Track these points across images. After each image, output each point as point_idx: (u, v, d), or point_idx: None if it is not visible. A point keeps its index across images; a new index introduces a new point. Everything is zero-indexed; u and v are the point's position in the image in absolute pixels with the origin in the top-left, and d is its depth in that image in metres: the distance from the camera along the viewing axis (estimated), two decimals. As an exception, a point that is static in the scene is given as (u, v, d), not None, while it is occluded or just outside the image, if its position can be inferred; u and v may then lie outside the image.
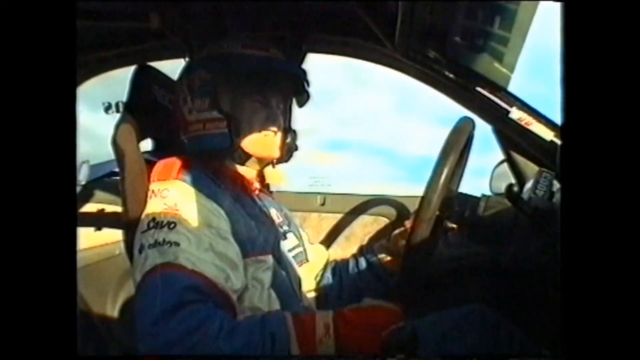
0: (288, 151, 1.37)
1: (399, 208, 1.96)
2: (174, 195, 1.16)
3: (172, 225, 1.10)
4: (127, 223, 1.22)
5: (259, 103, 1.30)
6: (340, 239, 1.88)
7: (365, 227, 1.98)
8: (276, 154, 1.34)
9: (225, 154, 1.30)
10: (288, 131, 1.36)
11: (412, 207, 1.25)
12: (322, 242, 1.59)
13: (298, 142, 1.39)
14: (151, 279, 1.05)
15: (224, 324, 1.03)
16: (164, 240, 1.09)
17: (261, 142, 1.31)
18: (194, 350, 0.99)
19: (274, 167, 1.42)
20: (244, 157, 1.32)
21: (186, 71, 1.33)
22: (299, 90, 1.38)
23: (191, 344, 0.99)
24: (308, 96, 1.39)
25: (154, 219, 1.13)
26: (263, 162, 1.37)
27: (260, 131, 1.30)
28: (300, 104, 1.41)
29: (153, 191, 1.18)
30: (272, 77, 1.31)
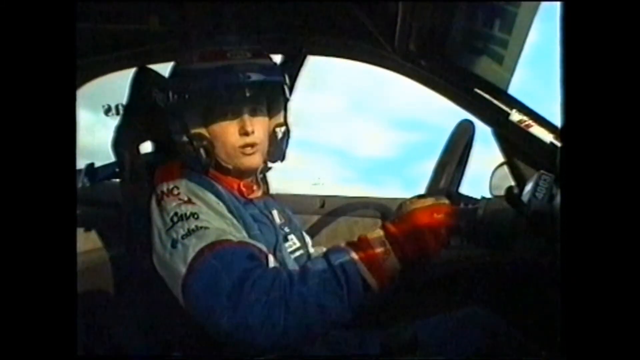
0: (276, 154, 1.36)
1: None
2: (185, 191, 1.18)
3: (195, 215, 1.13)
4: (129, 224, 1.22)
5: (230, 113, 1.26)
6: (341, 241, 1.88)
7: (366, 230, 1.98)
8: (258, 164, 1.32)
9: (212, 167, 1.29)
10: (273, 134, 1.34)
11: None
12: (322, 245, 1.58)
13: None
14: (204, 262, 1.06)
15: (292, 273, 1.08)
16: (196, 227, 1.11)
17: (238, 157, 1.28)
18: (274, 308, 1.01)
19: (266, 171, 1.41)
20: (229, 171, 1.30)
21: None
22: (274, 88, 1.32)
23: (271, 302, 1.01)
24: (284, 92, 1.33)
25: (175, 213, 1.14)
26: (251, 172, 1.34)
27: (235, 146, 1.26)
28: (285, 99, 1.35)
29: (162, 192, 1.19)
30: (237, 85, 1.25)
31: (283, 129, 1.35)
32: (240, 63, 1.24)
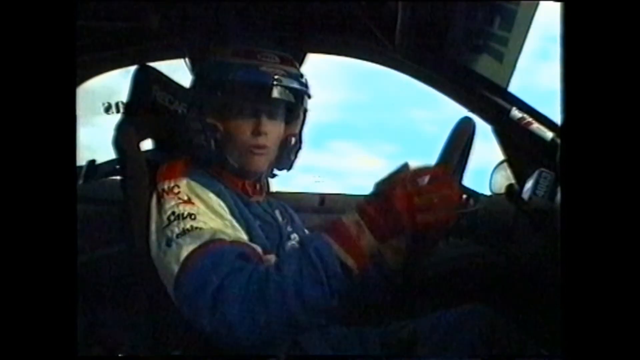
0: (283, 162, 1.36)
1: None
2: (185, 190, 1.18)
3: (193, 216, 1.12)
4: (130, 222, 1.22)
5: (248, 112, 1.26)
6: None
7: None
8: (264, 167, 1.32)
9: (218, 163, 1.29)
10: (285, 141, 1.34)
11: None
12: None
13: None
14: (196, 261, 1.05)
15: (268, 266, 1.05)
16: (191, 227, 1.10)
17: (247, 156, 1.28)
18: (253, 302, 0.99)
19: (272, 176, 1.41)
20: (235, 169, 1.30)
21: (192, 76, 1.33)
22: (295, 96, 1.31)
23: (249, 297, 0.99)
24: (304, 102, 1.34)
25: (173, 212, 1.14)
26: (256, 174, 1.34)
27: (246, 144, 1.26)
28: (304, 110, 1.36)
29: (163, 190, 1.18)
30: (262, 85, 1.26)
31: (295, 138, 1.36)
32: (270, 65, 1.27)
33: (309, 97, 1.34)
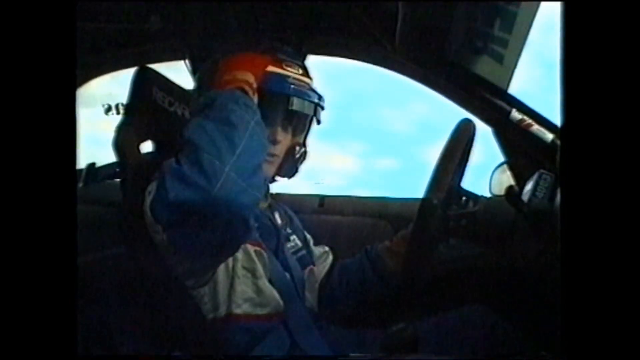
0: (287, 170, 1.35)
1: (399, 210, 1.95)
2: None
3: None
4: (129, 223, 1.22)
5: (265, 118, 1.21)
6: (342, 241, 1.88)
7: (365, 229, 1.97)
8: (269, 176, 1.32)
9: None
10: (292, 150, 1.33)
11: (412, 209, 1.25)
12: (322, 244, 1.58)
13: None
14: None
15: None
16: None
17: None
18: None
19: (272, 182, 1.39)
20: None
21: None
22: (312, 111, 1.32)
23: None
24: (318, 115, 1.34)
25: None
26: None
27: None
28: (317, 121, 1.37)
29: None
30: (285, 95, 1.27)
31: (302, 149, 1.35)
32: (294, 76, 1.28)
33: (322, 109, 1.34)
